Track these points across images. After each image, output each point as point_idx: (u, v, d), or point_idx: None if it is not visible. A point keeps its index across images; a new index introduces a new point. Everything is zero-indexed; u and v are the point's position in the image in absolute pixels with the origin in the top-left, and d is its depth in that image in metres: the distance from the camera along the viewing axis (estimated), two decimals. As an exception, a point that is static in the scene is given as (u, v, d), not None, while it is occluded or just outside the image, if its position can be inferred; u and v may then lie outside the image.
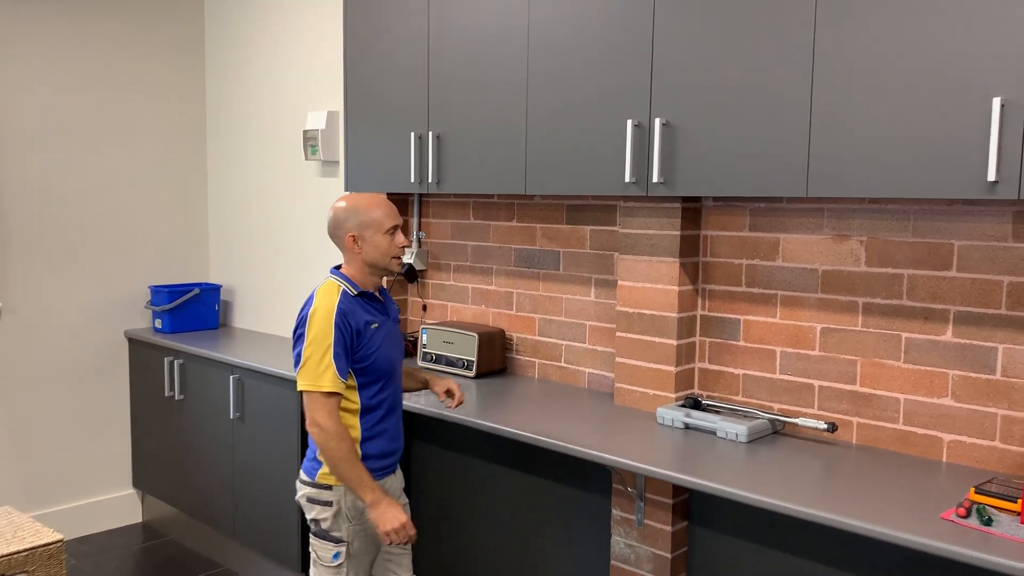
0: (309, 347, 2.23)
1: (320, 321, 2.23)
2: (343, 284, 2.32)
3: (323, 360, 2.22)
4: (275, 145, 4.01)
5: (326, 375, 2.22)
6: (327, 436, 2.21)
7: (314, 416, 2.22)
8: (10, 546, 2.50)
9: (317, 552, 2.37)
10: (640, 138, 2.44)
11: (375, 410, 2.37)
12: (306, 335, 2.24)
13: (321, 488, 2.33)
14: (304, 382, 2.24)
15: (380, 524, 2.25)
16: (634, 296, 2.72)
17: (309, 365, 2.23)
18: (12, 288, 3.81)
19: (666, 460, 2.25)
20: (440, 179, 3.01)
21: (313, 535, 2.37)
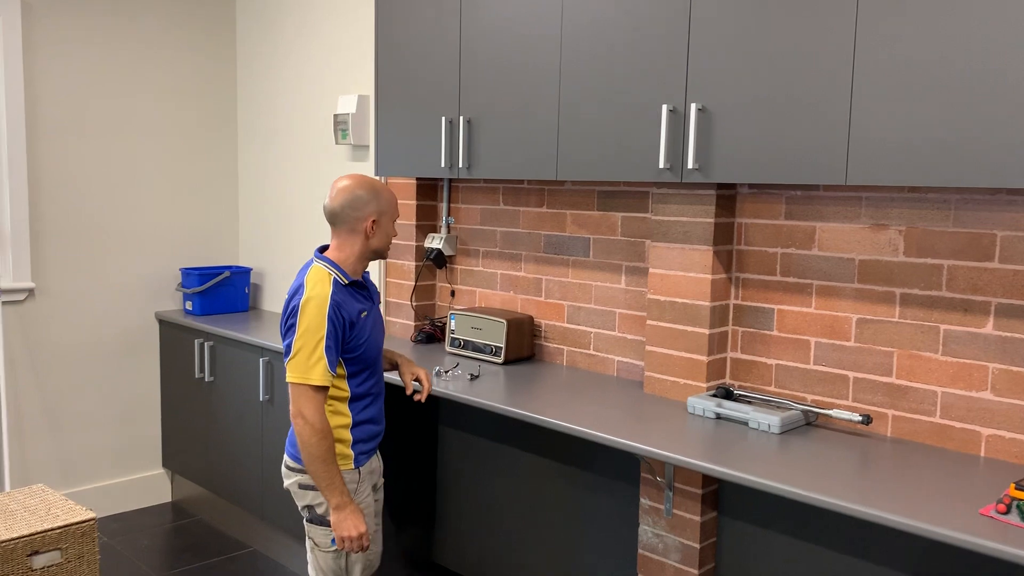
0: (300, 338, 2.18)
1: (312, 312, 2.18)
2: (334, 273, 2.27)
3: (314, 353, 2.17)
4: (305, 129, 4.01)
5: (316, 368, 2.17)
6: (312, 431, 2.18)
7: (300, 408, 2.18)
8: (43, 523, 2.53)
9: (314, 539, 2.34)
10: (675, 123, 2.41)
11: (364, 397, 2.37)
12: (298, 326, 2.18)
13: None
14: (294, 374, 2.19)
15: (340, 529, 2.24)
16: (666, 284, 2.69)
17: (300, 357, 2.18)
18: (46, 270, 3.85)
19: (697, 450, 2.23)
20: (470, 164, 2.99)
21: (308, 522, 2.34)
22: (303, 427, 2.18)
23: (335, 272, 2.27)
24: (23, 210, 3.75)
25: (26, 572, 2.45)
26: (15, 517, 2.56)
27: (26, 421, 3.85)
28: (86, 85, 3.91)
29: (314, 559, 2.37)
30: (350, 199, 2.27)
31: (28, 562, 2.46)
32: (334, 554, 2.33)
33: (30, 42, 3.73)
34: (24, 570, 2.45)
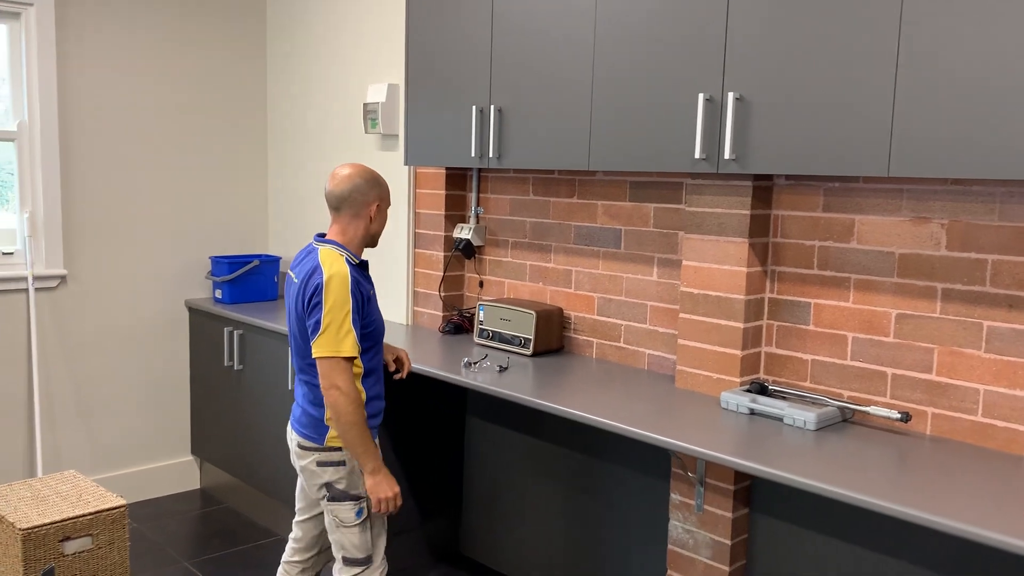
0: (329, 314, 2.26)
1: (337, 288, 2.27)
2: (345, 254, 2.37)
3: (343, 326, 2.26)
4: (335, 118, 4.00)
5: (347, 340, 2.26)
6: (348, 400, 2.26)
7: (334, 380, 2.26)
8: (75, 509, 2.54)
9: (339, 516, 2.39)
10: (711, 113, 2.36)
11: (373, 373, 2.45)
12: (324, 302, 2.26)
13: (331, 451, 2.38)
14: (325, 348, 2.26)
15: (376, 491, 2.34)
16: (700, 277, 2.65)
17: (330, 331, 2.26)
18: (77, 257, 3.88)
19: (730, 446, 2.19)
20: (501, 154, 2.96)
21: (330, 500, 2.39)
22: (338, 397, 2.26)
23: (346, 253, 2.37)
24: (56, 198, 3.77)
25: (58, 557, 2.47)
26: (47, 503, 2.58)
27: (57, 407, 3.88)
28: (117, 75, 3.92)
29: (340, 538, 2.41)
30: (357, 185, 2.38)
31: (60, 547, 2.47)
32: (360, 528, 2.40)
33: (63, 34, 3.75)
34: (56, 555, 2.47)
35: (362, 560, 2.42)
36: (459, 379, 2.80)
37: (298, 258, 2.45)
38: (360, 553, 2.41)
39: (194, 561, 3.55)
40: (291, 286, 2.41)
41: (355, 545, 2.41)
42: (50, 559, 2.45)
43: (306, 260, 2.38)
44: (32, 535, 2.41)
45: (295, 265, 2.44)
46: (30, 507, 2.55)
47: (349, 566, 2.41)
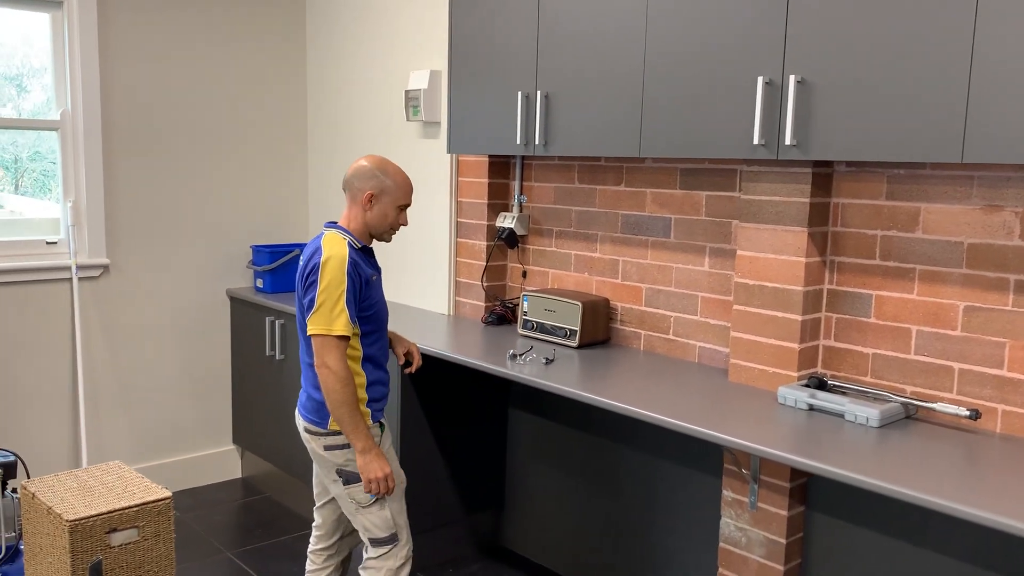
0: (323, 293, 2.28)
1: (333, 269, 2.29)
2: (347, 237, 2.39)
3: (336, 305, 2.28)
4: (376, 106, 3.95)
5: (339, 319, 2.28)
6: (336, 378, 2.27)
7: (325, 359, 2.28)
8: (120, 501, 2.53)
9: (355, 498, 2.41)
10: (771, 96, 2.27)
11: (375, 358, 2.45)
12: (319, 281, 2.29)
13: (335, 434, 2.39)
14: (318, 326, 2.29)
15: (366, 472, 2.34)
16: (755, 267, 2.56)
17: (323, 310, 2.28)
18: (120, 247, 3.88)
19: (789, 442, 2.11)
20: (547, 141, 2.89)
21: (345, 484, 2.40)
22: (328, 375, 2.28)
23: (348, 237, 2.40)
24: (98, 187, 3.77)
25: (104, 549, 2.46)
26: (93, 494, 2.57)
27: (101, 396, 3.89)
28: (158, 64, 3.90)
29: (363, 520, 2.43)
30: (357, 169, 2.42)
31: (107, 539, 2.46)
32: (377, 506, 2.41)
33: (105, 22, 3.74)
34: (103, 547, 2.46)
35: (388, 538, 2.44)
36: (505, 371, 2.74)
37: (309, 243, 2.48)
38: (384, 531, 2.43)
39: (236, 551, 3.55)
40: (298, 269, 2.45)
41: (377, 525, 2.42)
42: (97, 551, 2.44)
43: (313, 243, 2.42)
44: (79, 527, 2.41)
45: (304, 249, 2.48)
46: (77, 498, 2.54)
47: (377, 546, 2.44)
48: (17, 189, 3.84)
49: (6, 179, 3.81)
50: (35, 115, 3.74)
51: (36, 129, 3.72)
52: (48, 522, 2.50)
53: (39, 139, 3.79)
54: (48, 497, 2.54)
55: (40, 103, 3.77)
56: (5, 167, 3.77)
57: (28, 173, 3.85)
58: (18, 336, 3.65)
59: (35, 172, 3.85)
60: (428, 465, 3.35)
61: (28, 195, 3.86)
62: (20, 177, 3.85)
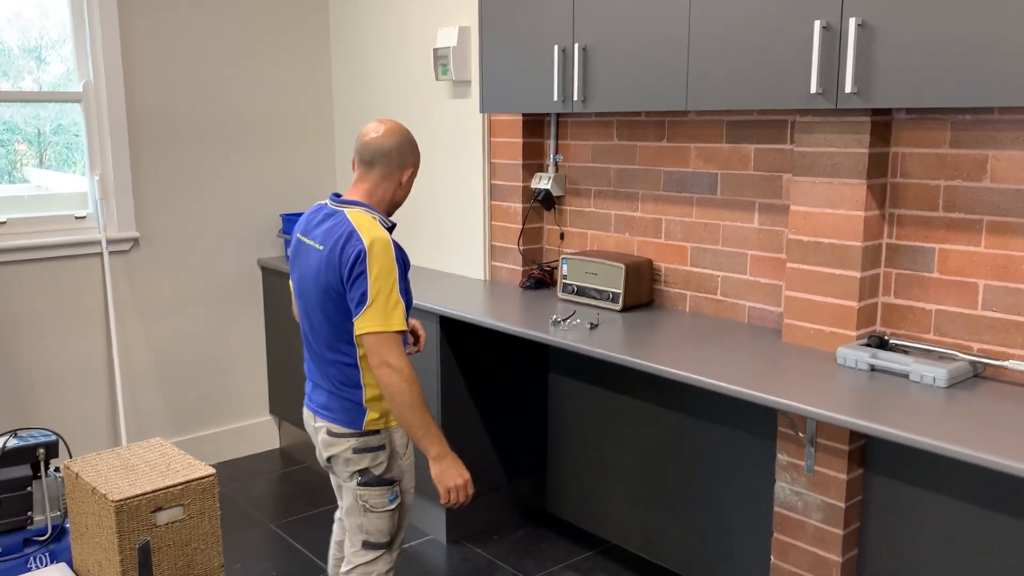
0: (375, 283, 1.99)
1: (381, 255, 2.00)
2: (377, 216, 2.11)
3: (391, 297, 2.00)
4: (403, 66, 3.83)
5: (396, 313, 2.01)
6: (402, 377, 2.01)
7: (386, 358, 2.00)
8: (165, 479, 2.50)
9: (369, 501, 2.17)
10: (829, 42, 2.14)
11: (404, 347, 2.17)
12: (368, 272, 1.99)
13: (370, 435, 2.15)
14: (375, 323, 1.99)
15: (444, 480, 2.09)
16: (810, 223, 2.44)
17: (378, 303, 1.99)
18: (149, 219, 3.82)
19: (853, 405, 2.02)
20: (586, 97, 2.77)
21: (361, 485, 2.16)
22: (392, 376, 2.01)
23: (378, 216, 2.11)
24: (124, 159, 3.70)
25: (151, 528, 2.43)
26: (137, 472, 2.54)
27: (136, 371, 3.87)
28: (180, 31, 3.80)
29: (365, 522, 2.20)
30: (400, 142, 2.14)
31: (152, 518, 2.43)
32: (389, 514, 2.21)
33: (122, -15, 3.64)
34: (149, 526, 2.43)
35: (384, 544, 2.22)
36: (547, 338, 2.66)
37: (310, 221, 2.17)
38: (384, 538, 2.22)
39: (279, 523, 3.53)
40: (310, 253, 2.12)
41: (380, 530, 2.21)
42: (143, 530, 2.41)
43: (330, 224, 2.09)
44: (125, 507, 2.37)
45: (309, 229, 2.16)
46: (120, 477, 2.51)
47: (368, 550, 2.21)
48: (42, 163, 3.78)
49: (30, 153, 3.75)
50: (56, 87, 3.67)
51: (59, 102, 3.65)
52: (93, 502, 2.47)
53: (61, 111, 3.71)
54: (92, 477, 2.51)
55: (60, 75, 3.69)
56: (28, 141, 3.71)
57: (52, 146, 3.79)
58: (51, 313, 3.62)
59: (59, 145, 3.79)
60: (469, 432, 3.29)
61: (53, 168, 3.80)
62: (44, 151, 3.79)
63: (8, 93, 3.52)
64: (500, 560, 3.21)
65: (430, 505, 3.38)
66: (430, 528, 3.41)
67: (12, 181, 3.68)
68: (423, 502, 3.41)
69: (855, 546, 2.52)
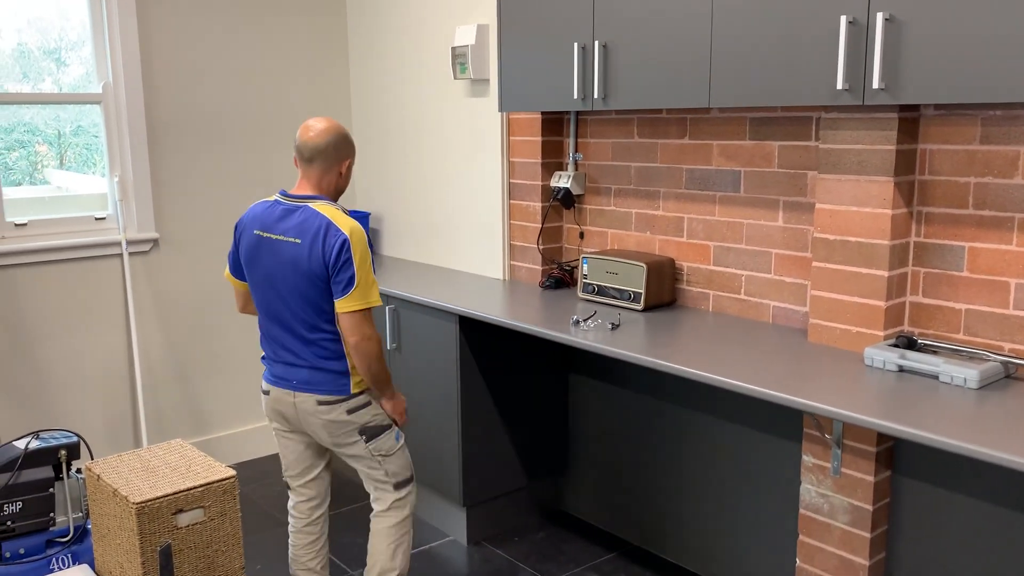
0: (360, 269, 2.27)
1: (359, 243, 2.28)
2: (338, 207, 2.35)
3: (368, 278, 2.30)
4: (421, 65, 3.81)
5: (373, 291, 2.32)
6: (376, 343, 2.34)
7: (365, 331, 2.32)
8: (185, 481, 2.49)
9: (382, 449, 2.48)
10: (856, 37, 2.09)
11: None
12: (353, 259, 2.25)
13: (357, 395, 2.43)
14: (359, 302, 2.29)
15: (398, 408, 2.50)
16: (836, 221, 2.40)
17: (361, 286, 2.28)
18: (169, 220, 3.82)
19: (882, 407, 1.98)
20: (607, 94, 2.74)
21: (369, 440, 2.46)
22: (369, 344, 2.33)
23: (338, 206, 2.35)
24: (144, 160, 3.71)
25: (172, 530, 2.43)
26: (158, 474, 2.54)
27: (156, 372, 3.87)
28: (198, 32, 3.80)
29: (388, 468, 2.51)
30: (338, 137, 2.38)
31: (173, 520, 2.43)
32: (400, 451, 2.53)
33: (140, -14, 3.64)
34: (170, 528, 2.42)
35: (410, 478, 2.57)
36: (569, 338, 2.63)
37: (269, 217, 2.36)
38: (407, 472, 2.55)
39: (300, 524, 3.52)
40: (283, 248, 2.32)
41: (403, 466, 2.54)
42: (164, 532, 2.41)
43: (298, 218, 2.31)
44: (146, 508, 2.37)
45: (272, 225, 2.35)
46: (141, 479, 2.50)
47: (400, 488, 2.53)
48: (62, 164, 3.79)
49: (50, 154, 3.77)
50: (75, 89, 3.67)
51: (78, 103, 3.66)
52: (114, 504, 2.47)
53: (80, 113, 3.72)
54: (113, 479, 2.51)
55: (79, 76, 3.69)
56: (49, 142, 3.72)
57: (72, 148, 3.80)
58: (71, 314, 3.63)
59: (78, 147, 3.80)
60: (489, 433, 3.27)
61: (73, 170, 3.81)
62: (64, 152, 3.80)
63: (29, 95, 3.53)
64: (521, 562, 3.19)
65: (451, 507, 3.36)
66: (450, 529, 3.39)
67: (33, 182, 3.70)
68: (445, 504, 3.39)
69: (883, 549, 2.48)
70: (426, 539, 3.38)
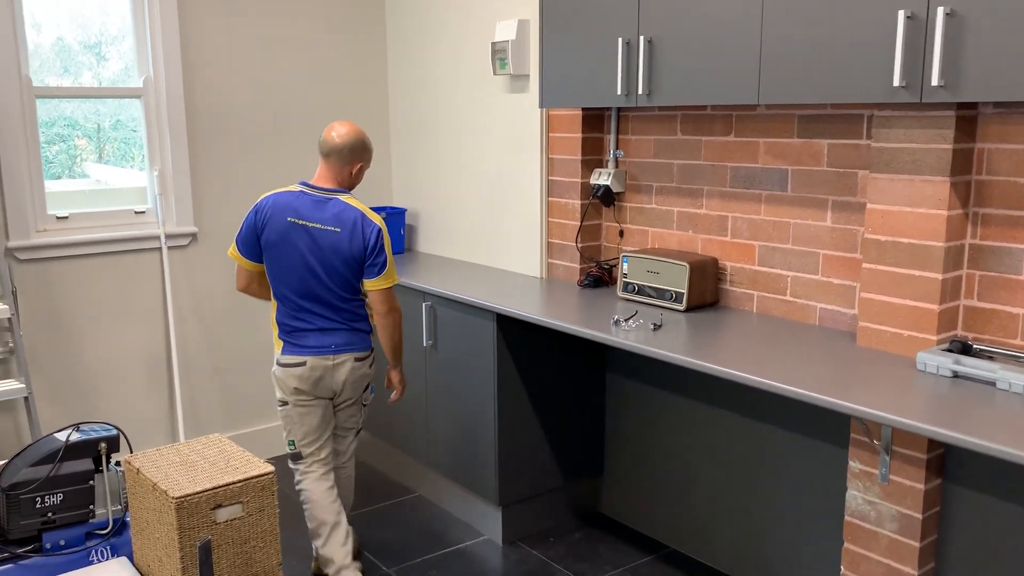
0: (389, 255, 2.74)
1: (385, 232, 2.74)
2: (359, 201, 2.77)
3: (391, 261, 2.75)
4: (460, 60, 3.78)
5: (394, 271, 2.77)
6: (400, 315, 2.82)
7: (393, 303, 2.78)
8: (224, 476, 2.49)
9: (366, 399, 2.96)
10: (914, 32, 2.03)
11: None
12: (384, 246, 2.71)
13: (371, 350, 2.89)
14: (388, 281, 2.74)
15: (403, 380, 2.96)
16: (889, 222, 2.34)
17: (389, 268, 2.74)
18: (207, 214, 3.83)
19: (931, 413, 1.92)
20: (651, 90, 2.70)
21: (365, 391, 2.92)
22: (396, 316, 2.80)
23: (356, 198, 2.76)
24: (183, 154, 3.72)
25: (211, 525, 2.42)
26: (196, 469, 2.53)
27: (193, 364, 3.89)
28: (237, 27, 3.81)
29: (360, 418, 2.98)
30: (359, 139, 2.76)
31: (212, 515, 2.42)
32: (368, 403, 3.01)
33: (181, -20, 3.65)
34: (209, 523, 2.42)
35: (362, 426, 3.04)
36: (611, 338, 2.59)
37: (301, 205, 2.70)
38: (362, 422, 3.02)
39: (334, 520, 3.51)
40: (322, 235, 2.68)
41: (364, 418, 3.02)
42: (203, 527, 2.41)
43: (333, 209, 2.70)
44: (185, 503, 2.37)
45: (307, 213, 2.69)
46: (180, 474, 2.50)
47: (358, 435, 3.02)
48: (101, 158, 3.81)
49: (89, 148, 3.79)
50: (115, 83, 3.69)
51: (119, 97, 3.67)
52: (154, 498, 2.47)
53: (119, 107, 3.74)
54: (152, 472, 2.51)
55: (118, 71, 3.71)
56: (88, 136, 3.74)
57: (111, 142, 3.82)
58: (111, 307, 3.65)
59: (116, 141, 3.82)
60: (525, 432, 3.24)
61: (111, 164, 3.83)
62: (103, 146, 3.82)
63: (74, 89, 3.56)
64: (557, 563, 3.16)
65: (487, 506, 3.34)
66: (485, 529, 3.37)
67: (72, 176, 3.72)
68: (481, 503, 3.37)
69: (932, 559, 2.42)
70: (461, 538, 3.36)
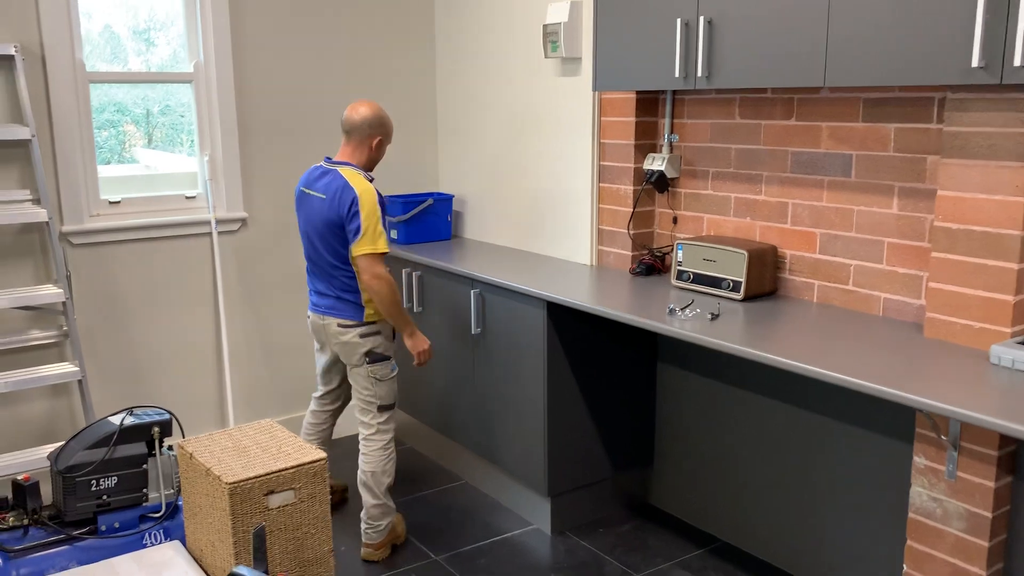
0: (366, 220, 2.78)
1: (369, 200, 2.79)
2: (362, 173, 2.89)
3: (377, 228, 2.80)
4: (510, 43, 3.73)
5: (381, 239, 2.82)
6: (388, 284, 2.84)
7: (376, 271, 2.81)
8: (277, 462, 2.49)
9: (377, 375, 2.98)
10: (995, 9, 1.94)
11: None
12: (360, 211, 2.78)
13: (369, 324, 2.95)
14: (367, 247, 2.80)
15: (417, 347, 3.03)
16: (961, 209, 2.25)
17: (368, 234, 2.79)
18: (256, 200, 3.84)
19: (1004, 407, 1.84)
20: (710, 72, 2.62)
21: (371, 363, 2.96)
22: (382, 284, 2.82)
23: (362, 172, 2.89)
24: (233, 139, 3.72)
25: (263, 511, 2.42)
26: (249, 454, 2.54)
27: (242, 349, 3.91)
28: (286, 12, 3.79)
29: (377, 391, 2.99)
30: (373, 115, 2.91)
31: (264, 501, 2.42)
32: (392, 380, 3.01)
33: (231, -35, 3.64)
34: (261, 509, 2.42)
35: (392, 404, 3.04)
36: (667, 328, 2.54)
37: (312, 177, 2.92)
38: (391, 400, 3.03)
39: (382, 506, 3.51)
40: (314, 201, 2.88)
41: (389, 394, 3.02)
42: (255, 513, 2.41)
43: (328, 179, 2.86)
44: (238, 489, 2.37)
45: (312, 183, 2.91)
46: (233, 459, 2.51)
47: (383, 411, 3.02)
48: (150, 143, 3.83)
49: (138, 134, 3.81)
50: (163, 69, 3.70)
51: (171, 82, 3.68)
52: (207, 483, 2.48)
53: (168, 92, 3.75)
54: (205, 457, 2.52)
55: (167, 57, 3.72)
56: (136, 122, 3.76)
57: (159, 127, 3.83)
58: (162, 292, 3.68)
59: (165, 126, 3.83)
60: (575, 421, 3.20)
61: (160, 149, 3.85)
62: (152, 131, 3.84)
63: (125, 74, 3.57)
64: (606, 554, 3.12)
65: (536, 496, 3.31)
66: (535, 518, 3.34)
67: (122, 161, 3.74)
68: (530, 493, 3.34)
69: (1001, 559, 2.33)
70: (509, 527, 3.33)
